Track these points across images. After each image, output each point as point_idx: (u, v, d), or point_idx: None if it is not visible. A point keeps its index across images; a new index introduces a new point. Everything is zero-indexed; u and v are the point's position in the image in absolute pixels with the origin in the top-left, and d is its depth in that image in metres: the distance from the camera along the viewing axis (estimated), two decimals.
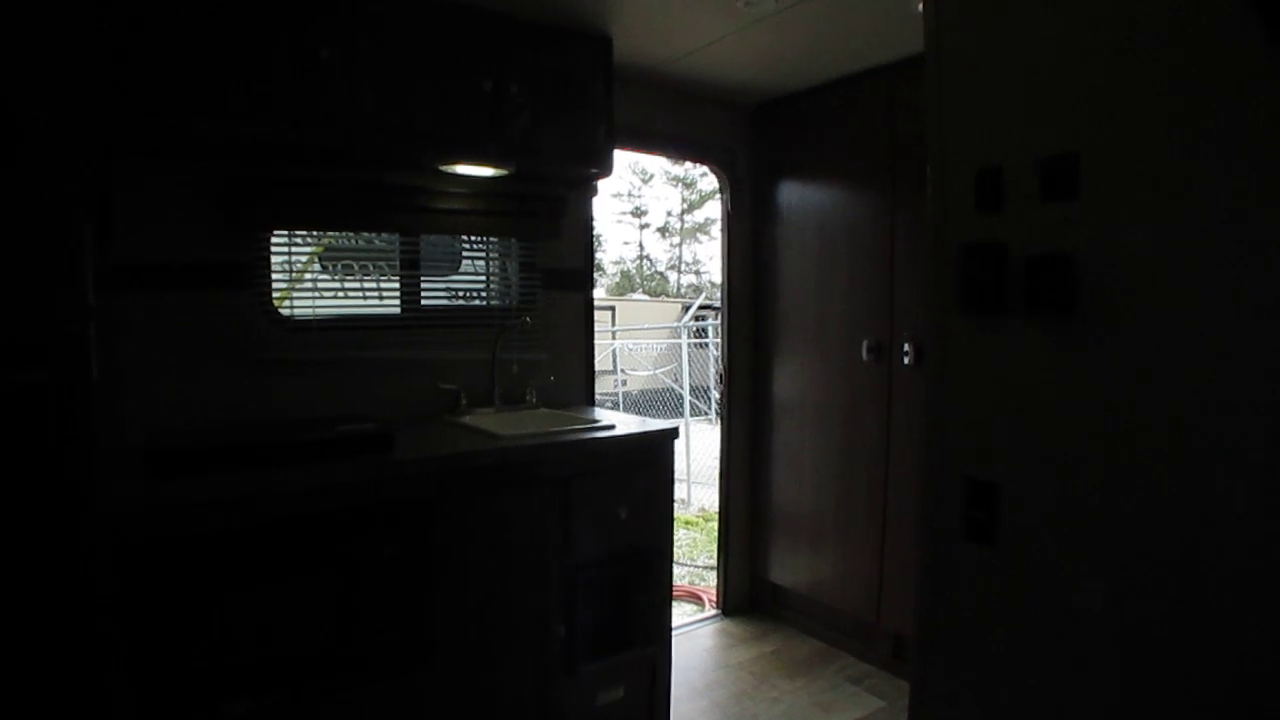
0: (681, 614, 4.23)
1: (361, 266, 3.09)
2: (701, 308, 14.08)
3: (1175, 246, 1.01)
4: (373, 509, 2.20)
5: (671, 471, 2.87)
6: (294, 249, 2.89)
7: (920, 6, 1.37)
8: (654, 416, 10.34)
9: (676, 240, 32.69)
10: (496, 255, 3.39)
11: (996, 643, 1.25)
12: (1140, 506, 1.05)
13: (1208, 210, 0.98)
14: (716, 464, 4.34)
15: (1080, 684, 1.13)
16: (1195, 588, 1.00)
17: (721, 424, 4.26)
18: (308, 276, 2.98)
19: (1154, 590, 1.04)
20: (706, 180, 28.26)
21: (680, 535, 6.05)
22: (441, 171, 2.88)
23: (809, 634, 3.89)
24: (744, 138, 4.07)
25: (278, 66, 2.32)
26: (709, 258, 31.66)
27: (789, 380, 3.96)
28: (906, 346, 3.28)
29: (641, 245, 32.67)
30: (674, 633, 2.97)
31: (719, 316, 4.30)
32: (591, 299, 3.54)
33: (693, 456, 7.87)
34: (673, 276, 32.61)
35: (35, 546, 1.73)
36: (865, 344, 3.46)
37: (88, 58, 1.84)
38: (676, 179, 30.90)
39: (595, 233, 3.63)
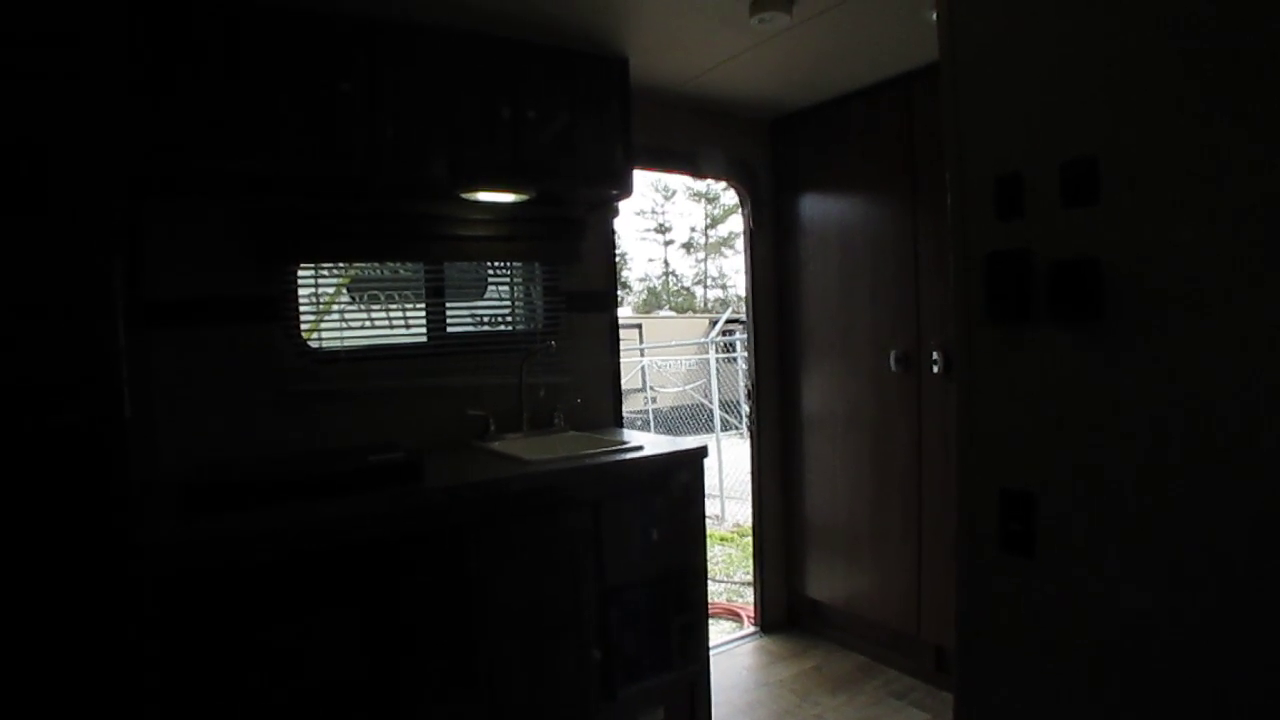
0: (719, 632, 4.19)
1: (387, 296, 3.12)
2: (729, 322, 14.05)
3: (1203, 248, 0.99)
4: (405, 538, 2.20)
5: (702, 490, 2.85)
6: (321, 281, 2.93)
7: (934, 15, 1.36)
8: (685, 433, 10.39)
9: (701, 255, 32.74)
10: (520, 280, 3.41)
11: (1040, 655, 1.22)
12: (1178, 513, 1.02)
13: (1236, 209, 0.96)
14: (749, 479, 4.32)
15: (1126, 698, 1.10)
16: (1245, 598, 0.97)
17: (751, 439, 4.24)
18: (335, 308, 3.02)
19: (1199, 601, 1.01)
20: (729, 194, 28.25)
21: (715, 551, 6.01)
22: (463, 199, 2.91)
23: (849, 649, 3.84)
24: (763, 153, 4.08)
25: (300, 102, 2.37)
26: (735, 271, 31.65)
27: (818, 393, 3.93)
28: (935, 355, 3.25)
29: (666, 262, 32.78)
30: (713, 651, 2.95)
31: (746, 330, 4.29)
32: (616, 319, 3.55)
33: (725, 471, 7.83)
34: (699, 292, 32.64)
35: (76, 585, 1.75)
36: (893, 354, 3.43)
37: (115, 98, 1.88)
38: (699, 194, 31.02)
39: (620, 251, 3.64)
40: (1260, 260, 0.94)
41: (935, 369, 3.25)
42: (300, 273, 2.81)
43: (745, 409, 9.59)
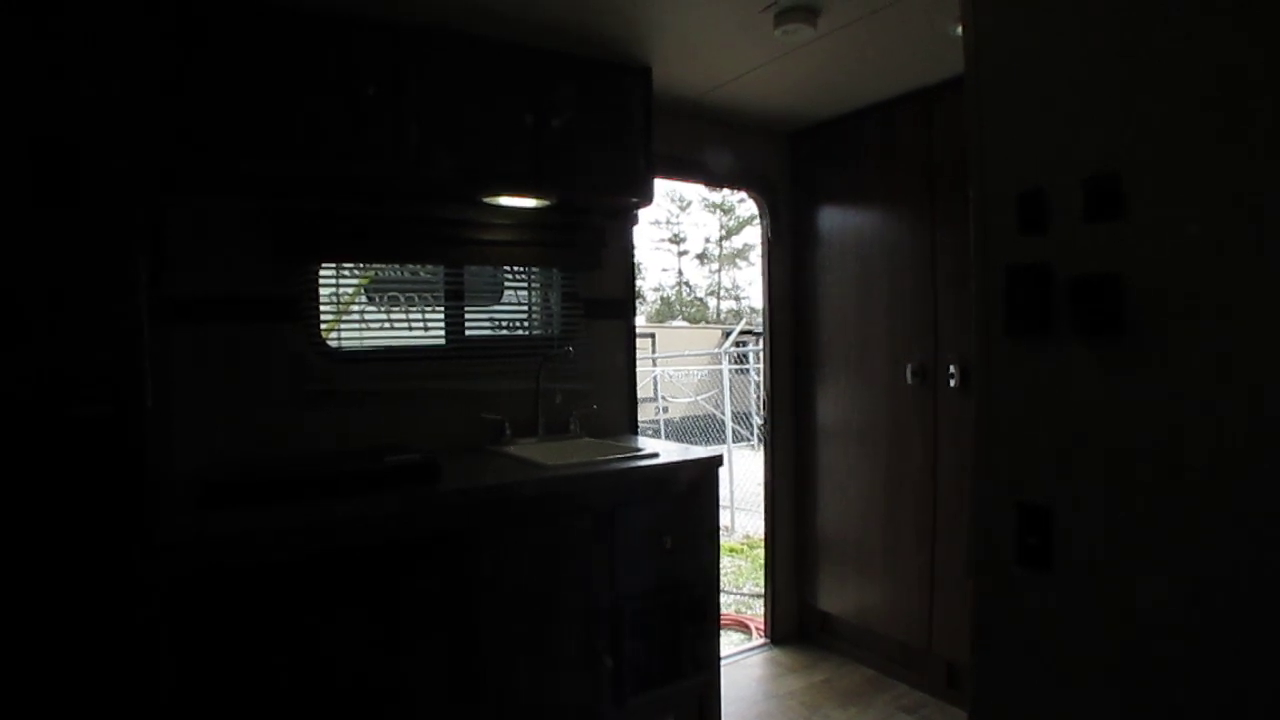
0: (728, 643, 4.17)
1: (407, 298, 3.14)
2: (742, 333, 14.03)
3: (1225, 264, 0.99)
4: (420, 540, 2.21)
5: (717, 498, 2.85)
6: (341, 281, 2.96)
7: (958, 29, 1.37)
8: (696, 443, 10.35)
9: (715, 266, 32.76)
10: (538, 285, 3.43)
11: (1057, 670, 1.22)
12: (1198, 527, 1.02)
13: (1258, 227, 0.96)
14: (760, 490, 4.30)
15: (1147, 713, 1.10)
16: (1269, 613, 0.97)
17: (765, 450, 4.23)
18: (354, 308, 3.04)
19: (1220, 616, 1.01)
20: (744, 206, 28.39)
21: (725, 563, 6.00)
22: (484, 203, 2.93)
23: (859, 662, 3.82)
24: (782, 163, 4.09)
25: (325, 104, 2.39)
26: (748, 283, 31.68)
27: (832, 405, 3.93)
28: (952, 369, 3.24)
29: (680, 272, 32.83)
30: (722, 662, 2.94)
31: (760, 342, 4.28)
32: (633, 327, 3.56)
33: (736, 483, 7.83)
34: (712, 302, 32.64)
35: (94, 577, 1.77)
36: (909, 367, 3.42)
37: (143, 96, 1.91)
38: (714, 205, 31.06)
39: (635, 261, 3.65)
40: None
41: (952, 382, 3.25)
42: (321, 273, 2.84)
43: (757, 420, 9.57)
